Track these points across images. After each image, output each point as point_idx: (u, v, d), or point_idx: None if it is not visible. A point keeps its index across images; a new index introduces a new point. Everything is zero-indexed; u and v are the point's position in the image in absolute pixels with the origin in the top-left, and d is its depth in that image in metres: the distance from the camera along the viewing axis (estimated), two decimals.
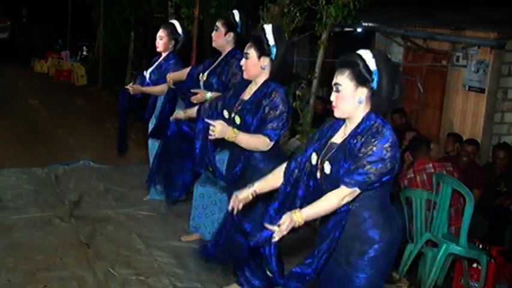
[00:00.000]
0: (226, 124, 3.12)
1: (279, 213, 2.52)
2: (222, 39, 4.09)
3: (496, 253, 4.30)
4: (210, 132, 3.08)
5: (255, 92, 3.24)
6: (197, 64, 4.60)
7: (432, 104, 7.06)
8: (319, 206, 2.41)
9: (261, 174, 2.94)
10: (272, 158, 3.16)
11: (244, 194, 2.75)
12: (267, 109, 3.14)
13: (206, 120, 3.18)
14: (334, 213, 2.43)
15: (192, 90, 4.19)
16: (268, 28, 3.17)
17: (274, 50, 3.14)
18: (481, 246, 4.33)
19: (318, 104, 6.87)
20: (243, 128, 3.19)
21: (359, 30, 7.95)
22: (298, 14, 5.56)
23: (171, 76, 4.48)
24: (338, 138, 2.52)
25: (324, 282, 2.61)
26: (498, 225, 4.80)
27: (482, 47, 6.20)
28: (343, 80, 2.44)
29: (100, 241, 4.36)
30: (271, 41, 3.14)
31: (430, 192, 4.46)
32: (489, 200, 5.03)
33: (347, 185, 2.36)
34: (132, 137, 7.67)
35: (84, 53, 13.95)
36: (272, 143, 3.14)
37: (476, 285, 4.31)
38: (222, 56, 4.12)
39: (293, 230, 2.39)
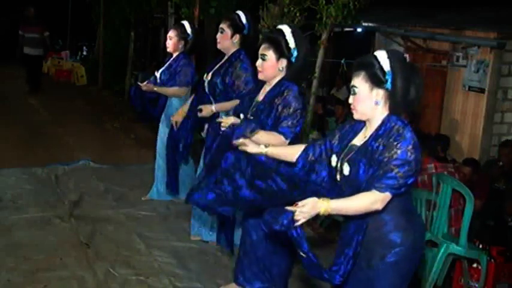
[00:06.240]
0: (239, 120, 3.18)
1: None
2: (228, 41, 4.00)
3: (496, 253, 4.30)
4: (222, 124, 3.12)
5: (269, 91, 3.24)
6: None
7: (432, 104, 7.06)
8: (349, 203, 2.37)
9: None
10: None
11: (255, 149, 2.80)
12: (280, 107, 3.14)
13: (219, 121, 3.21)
14: (354, 217, 2.41)
15: (198, 107, 4.16)
16: (287, 30, 3.14)
17: (295, 53, 3.13)
18: (481, 246, 4.33)
19: (318, 104, 6.86)
20: (260, 128, 3.17)
21: (359, 30, 7.97)
22: (298, 14, 5.55)
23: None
24: (358, 140, 2.52)
25: (346, 285, 2.58)
26: (500, 225, 4.80)
27: (482, 47, 6.20)
28: (359, 82, 2.44)
29: (100, 241, 4.35)
30: (292, 44, 3.12)
31: (430, 192, 4.45)
32: (488, 197, 5.02)
33: (378, 189, 2.32)
34: (132, 137, 7.71)
35: (84, 53, 13.97)
36: (287, 141, 3.12)
37: (476, 285, 4.30)
38: (226, 57, 4.06)
39: (316, 218, 2.37)
